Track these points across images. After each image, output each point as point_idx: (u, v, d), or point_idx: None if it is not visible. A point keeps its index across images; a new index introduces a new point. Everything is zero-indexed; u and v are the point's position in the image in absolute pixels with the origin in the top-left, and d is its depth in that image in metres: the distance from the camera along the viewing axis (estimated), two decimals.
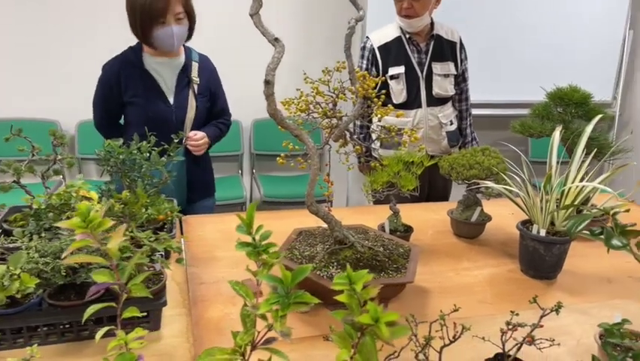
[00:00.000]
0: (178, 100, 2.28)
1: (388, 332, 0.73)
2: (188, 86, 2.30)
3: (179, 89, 2.28)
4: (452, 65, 2.73)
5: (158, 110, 2.26)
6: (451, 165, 1.88)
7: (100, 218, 0.84)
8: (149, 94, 2.25)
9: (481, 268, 1.72)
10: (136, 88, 2.25)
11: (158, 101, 2.26)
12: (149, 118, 2.22)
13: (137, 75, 2.25)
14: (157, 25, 2.10)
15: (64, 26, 3.71)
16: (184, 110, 2.28)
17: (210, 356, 0.83)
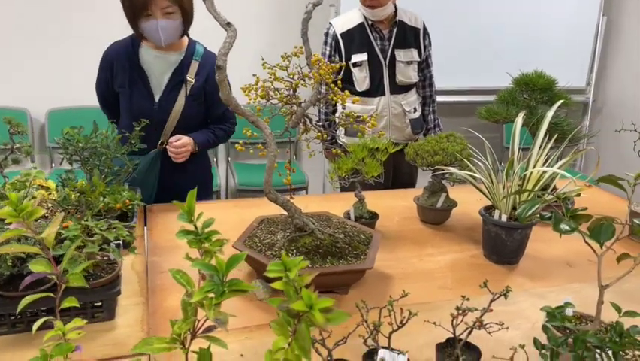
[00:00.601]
0: (164, 99, 2.14)
1: (323, 319, 0.72)
2: (180, 85, 2.15)
3: (169, 87, 2.14)
4: (415, 52, 2.71)
5: (141, 106, 2.14)
6: (416, 151, 1.88)
7: (31, 207, 0.81)
8: (134, 87, 2.15)
9: (445, 254, 1.73)
10: (123, 79, 2.15)
11: (142, 96, 2.15)
12: (133, 112, 2.14)
13: (127, 66, 2.14)
14: (142, 17, 1.98)
15: (36, 12, 3.62)
16: (167, 110, 2.14)
17: (148, 346, 0.82)
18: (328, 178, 1.80)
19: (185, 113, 2.15)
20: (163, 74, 2.15)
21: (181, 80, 2.15)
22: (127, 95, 2.16)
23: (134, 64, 2.13)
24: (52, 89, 3.71)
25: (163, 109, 2.14)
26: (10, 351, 1.16)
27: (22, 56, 3.62)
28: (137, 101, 2.15)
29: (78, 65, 3.69)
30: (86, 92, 3.73)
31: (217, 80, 1.25)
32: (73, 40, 3.67)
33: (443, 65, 3.24)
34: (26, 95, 3.67)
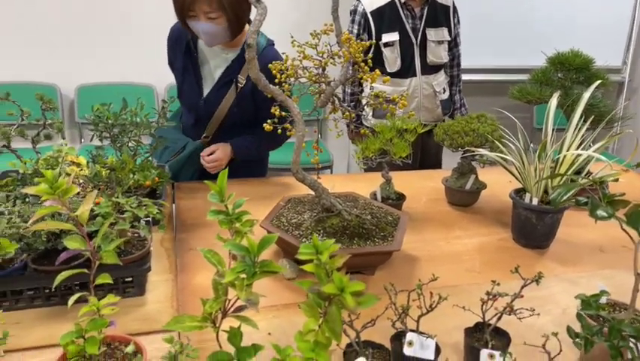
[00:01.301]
0: (212, 95, 2.07)
1: (354, 302, 0.72)
2: (230, 84, 2.05)
3: (221, 84, 2.06)
4: (446, 31, 2.65)
5: (188, 97, 2.12)
6: (446, 132, 1.84)
7: (67, 184, 0.82)
8: (186, 76, 2.09)
9: (472, 237, 1.71)
10: (179, 63, 2.10)
11: (192, 89, 2.09)
12: (181, 98, 2.12)
13: (185, 50, 2.06)
14: (188, 17, 1.89)
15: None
16: (213, 108, 2.07)
17: (180, 323, 0.83)
18: (355, 158, 1.78)
19: (231, 113, 2.07)
20: (216, 68, 2.07)
21: (232, 79, 2.05)
22: (179, 80, 2.12)
23: (190, 50, 2.07)
24: (81, 66, 3.74)
25: (209, 106, 2.08)
26: (45, 324, 1.20)
27: (51, 33, 3.66)
28: (186, 91, 2.10)
29: (107, 42, 3.73)
30: (114, 69, 3.80)
31: (246, 58, 1.23)
32: (102, 17, 3.69)
33: (472, 43, 3.16)
34: (56, 71, 3.72)
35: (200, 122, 2.12)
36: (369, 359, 0.99)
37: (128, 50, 3.76)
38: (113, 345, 0.94)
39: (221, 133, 2.11)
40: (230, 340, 0.86)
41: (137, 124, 1.72)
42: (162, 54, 2.23)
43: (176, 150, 2.08)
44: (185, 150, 2.07)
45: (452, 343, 1.16)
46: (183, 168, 2.05)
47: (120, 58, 3.78)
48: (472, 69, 3.76)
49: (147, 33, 3.59)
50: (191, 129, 2.16)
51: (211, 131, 2.11)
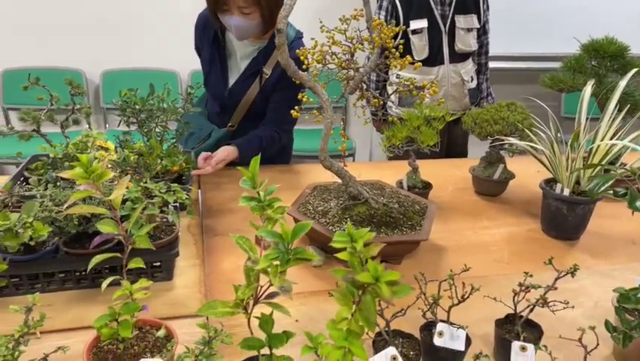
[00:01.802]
0: (238, 86, 2.07)
1: (389, 291, 0.71)
2: (256, 75, 2.04)
3: (246, 75, 2.06)
4: (475, 18, 2.59)
5: (214, 86, 2.11)
6: (474, 120, 1.81)
7: (101, 169, 0.83)
8: (212, 66, 2.09)
9: (500, 227, 1.68)
10: (206, 53, 2.10)
11: (217, 78, 2.09)
12: (207, 87, 2.13)
13: (213, 39, 2.05)
14: (220, 10, 1.88)
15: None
16: (238, 98, 2.08)
17: (212, 309, 0.83)
18: (381, 146, 1.76)
19: (255, 103, 2.07)
20: (243, 59, 2.07)
21: (257, 70, 2.04)
22: (206, 70, 2.12)
23: (218, 39, 2.06)
24: (106, 51, 3.77)
25: (234, 96, 2.08)
26: (75, 306, 1.21)
27: (78, 18, 3.68)
28: (212, 81, 2.11)
29: (132, 27, 3.74)
30: (139, 54, 3.82)
31: (276, 43, 1.22)
32: (127, 3, 3.70)
33: (501, 30, 3.09)
34: (82, 56, 3.75)
35: (225, 110, 2.12)
36: (399, 349, 0.98)
37: (153, 36, 3.77)
38: (144, 329, 0.95)
39: (246, 122, 2.11)
40: (262, 326, 0.86)
41: (164, 110, 1.72)
42: (186, 40, 2.22)
43: (202, 137, 2.08)
44: (211, 137, 2.07)
45: (481, 334, 1.15)
46: (212, 150, 2.05)
47: (145, 43, 3.80)
48: (499, 56, 3.69)
49: (171, 19, 3.60)
50: (216, 117, 2.16)
51: (236, 120, 2.11)
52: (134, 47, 3.80)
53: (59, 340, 1.11)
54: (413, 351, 1.00)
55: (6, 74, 3.71)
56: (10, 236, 1.07)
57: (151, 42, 3.79)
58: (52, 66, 3.66)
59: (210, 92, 2.16)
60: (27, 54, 3.66)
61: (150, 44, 3.80)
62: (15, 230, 1.07)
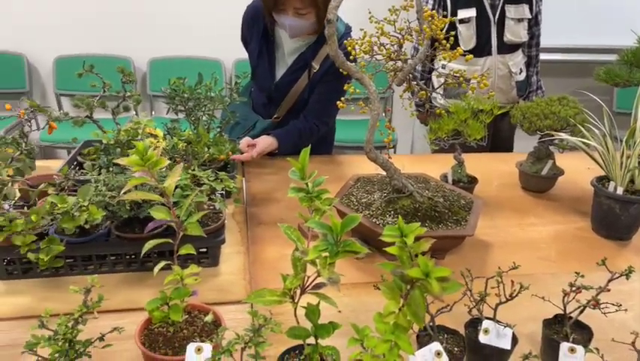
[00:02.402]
0: (285, 79, 2.09)
1: (439, 287, 0.71)
2: (303, 69, 2.05)
3: (294, 69, 2.07)
4: (527, 8, 2.50)
5: (261, 80, 2.13)
6: (524, 114, 1.76)
7: (156, 157, 0.85)
8: (260, 59, 2.10)
9: (547, 225, 1.64)
10: (254, 45, 2.11)
11: (265, 72, 2.11)
12: (255, 79, 2.15)
13: (262, 32, 2.06)
14: (276, 10, 1.90)
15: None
16: (285, 92, 2.09)
17: (260, 297, 0.84)
18: (426, 139, 1.74)
19: (302, 98, 2.08)
20: (290, 53, 2.08)
21: (305, 64, 2.04)
22: (254, 63, 2.13)
23: (267, 32, 2.07)
24: (154, 39, 3.85)
25: (280, 89, 2.09)
26: (124, 289, 1.25)
27: (127, 6, 3.76)
28: (259, 74, 2.12)
29: (179, 16, 3.81)
30: (186, 43, 3.89)
31: (326, 34, 1.22)
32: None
33: (552, 20, 2.98)
34: (130, 45, 3.84)
35: (271, 102, 2.14)
36: (443, 345, 0.98)
37: (199, 25, 3.83)
38: (193, 314, 0.97)
39: (292, 114, 2.12)
40: (308, 316, 0.87)
41: (212, 98, 1.75)
42: (231, 29, 2.23)
43: (247, 127, 2.11)
44: (256, 128, 2.10)
45: (527, 333, 1.12)
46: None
47: (191, 32, 3.85)
48: (549, 48, 3.57)
49: (217, 8, 3.65)
50: (261, 108, 2.18)
51: (282, 112, 2.13)
52: (180, 35, 3.87)
53: (111, 320, 1.14)
54: (457, 348, 0.99)
55: (58, 61, 3.84)
56: (67, 219, 1.11)
57: (197, 31, 3.84)
58: (102, 54, 3.77)
59: (258, 85, 2.18)
60: (78, 42, 3.77)
61: (196, 33, 3.85)
62: (72, 213, 1.11)
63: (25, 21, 3.70)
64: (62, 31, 3.76)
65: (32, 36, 3.75)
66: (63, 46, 3.78)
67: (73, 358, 0.74)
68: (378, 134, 1.41)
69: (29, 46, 3.79)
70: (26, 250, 1.10)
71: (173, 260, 0.94)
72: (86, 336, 0.83)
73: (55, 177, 1.48)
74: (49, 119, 1.49)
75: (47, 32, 3.75)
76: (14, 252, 1.17)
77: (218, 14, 3.54)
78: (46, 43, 3.77)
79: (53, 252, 1.10)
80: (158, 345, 0.89)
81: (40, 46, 3.79)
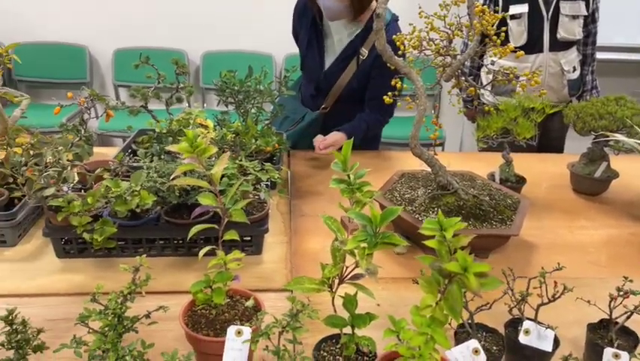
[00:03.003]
0: (334, 68, 2.09)
1: (477, 283, 0.70)
2: (352, 57, 2.06)
3: (342, 57, 2.07)
4: (583, 5, 2.40)
5: (310, 70, 2.17)
6: (578, 113, 1.71)
7: (205, 145, 0.88)
8: (309, 49, 2.13)
9: (599, 228, 1.59)
10: (304, 36, 2.15)
11: (314, 61, 2.13)
12: (304, 70, 2.19)
13: (311, 23, 2.09)
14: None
15: None
16: (333, 80, 2.10)
17: (299, 285, 0.86)
18: (474, 136, 1.71)
19: (350, 85, 2.08)
20: (339, 42, 2.08)
21: (354, 52, 2.05)
22: (303, 52, 2.17)
23: (316, 23, 2.09)
24: (207, 34, 3.94)
25: (329, 79, 2.11)
26: (171, 272, 1.30)
27: (181, 1, 3.87)
28: (308, 63, 2.15)
29: (232, 11, 3.88)
30: (238, 37, 3.96)
31: (374, 28, 1.22)
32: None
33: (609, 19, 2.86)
34: (185, 38, 3.94)
35: (319, 93, 2.15)
36: (482, 342, 0.97)
37: (251, 20, 3.89)
38: (235, 298, 1.00)
39: (339, 104, 2.13)
40: (346, 306, 0.88)
41: (261, 91, 1.79)
42: (282, 24, 2.26)
43: (296, 120, 2.14)
44: (304, 120, 2.12)
45: (571, 337, 1.10)
46: (301, 137, 2.10)
47: (243, 27, 3.92)
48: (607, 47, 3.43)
49: (269, 3, 3.69)
50: (310, 100, 2.20)
51: (330, 102, 2.14)
52: (233, 29, 3.94)
53: (158, 301, 1.19)
54: (496, 347, 0.98)
55: (117, 54, 3.99)
56: (120, 202, 1.17)
57: (248, 25, 3.91)
58: (158, 47, 3.88)
59: (306, 75, 2.20)
60: (136, 35, 3.91)
61: (248, 27, 3.92)
62: (124, 197, 1.17)
63: (88, 15, 3.87)
64: (122, 25, 3.90)
65: (94, 29, 3.92)
66: (122, 39, 3.92)
67: (121, 332, 0.78)
68: (425, 130, 1.40)
69: (91, 38, 3.96)
70: (82, 230, 1.17)
71: (218, 245, 0.97)
72: (134, 314, 0.87)
73: (111, 162, 1.55)
74: (107, 108, 1.55)
75: (108, 26, 3.90)
76: (71, 232, 1.24)
77: (270, 9, 3.59)
78: (106, 36, 3.93)
79: (106, 233, 1.15)
80: (200, 326, 0.93)
81: (100, 38, 3.95)
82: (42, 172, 1.19)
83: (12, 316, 0.79)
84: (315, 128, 2.10)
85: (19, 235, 1.39)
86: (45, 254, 1.34)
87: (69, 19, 3.88)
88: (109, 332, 0.79)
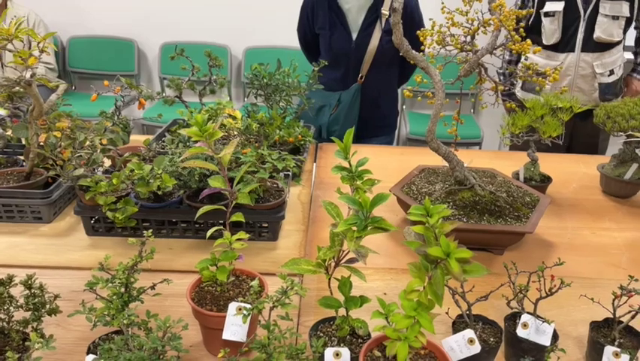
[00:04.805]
0: (361, 37, 2.21)
1: (459, 268, 0.72)
2: (375, 21, 2.18)
3: (365, 25, 2.20)
4: (626, 6, 2.31)
5: (340, 46, 2.26)
6: (608, 113, 1.67)
7: (213, 129, 0.93)
8: (333, 29, 2.24)
9: (624, 231, 1.55)
10: (324, 21, 2.27)
11: (341, 37, 2.24)
12: (332, 51, 2.27)
13: (327, 7, 2.23)
14: None
15: None
16: (364, 48, 2.21)
17: (296, 265, 0.90)
18: (499, 134, 1.70)
19: (381, 49, 2.18)
20: (359, 11, 2.19)
21: (376, 15, 2.17)
22: (327, 36, 2.27)
23: (333, 5, 2.21)
24: (251, 29, 4.03)
25: (360, 47, 2.21)
26: (190, 253, 1.37)
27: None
28: (336, 41, 2.24)
29: (275, 7, 3.95)
30: (281, 33, 4.03)
31: (391, 22, 1.24)
32: None
33: None
34: (228, 33, 4.05)
35: (351, 68, 2.24)
36: (477, 333, 0.98)
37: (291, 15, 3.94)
38: (241, 277, 1.05)
39: (374, 71, 2.24)
40: (340, 288, 0.91)
41: (289, 84, 1.83)
42: None
43: (334, 105, 2.22)
44: (342, 101, 2.22)
45: (576, 335, 1.09)
46: (347, 116, 2.21)
47: (288, 23, 3.98)
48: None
49: None
50: (339, 83, 2.27)
51: (365, 70, 2.24)
52: (274, 26, 4.01)
53: (176, 279, 1.26)
54: (494, 338, 0.99)
55: (164, 48, 4.14)
56: (142, 184, 1.23)
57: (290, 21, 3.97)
58: (203, 41, 4.00)
59: (334, 57, 2.25)
60: (182, 30, 4.04)
61: (289, 23, 3.98)
62: (147, 179, 1.24)
63: (136, 10, 4.04)
64: (169, 20, 4.05)
65: (142, 24, 4.08)
66: (169, 33, 4.06)
67: (126, 300, 0.84)
68: (443, 124, 1.41)
69: (139, 33, 4.12)
70: (107, 208, 1.24)
71: (225, 226, 1.02)
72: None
73: (141, 148, 1.64)
74: (140, 97, 1.64)
75: (155, 21, 4.06)
76: (99, 211, 1.32)
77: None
78: (154, 30, 4.09)
79: (128, 212, 1.23)
80: (205, 302, 0.98)
81: (148, 33, 4.11)
82: (74, 154, 1.27)
83: (31, 281, 0.87)
84: (355, 102, 2.23)
85: (54, 213, 1.49)
86: (76, 232, 1.44)
87: (118, 13, 4.06)
88: (116, 300, 0.85)
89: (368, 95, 2.26)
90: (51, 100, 1.37)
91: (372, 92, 2.26)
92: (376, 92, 2.28)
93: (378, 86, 2.28)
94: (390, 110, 2.44)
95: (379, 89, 2.31)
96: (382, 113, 2.39)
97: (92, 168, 1.36)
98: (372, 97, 2.28)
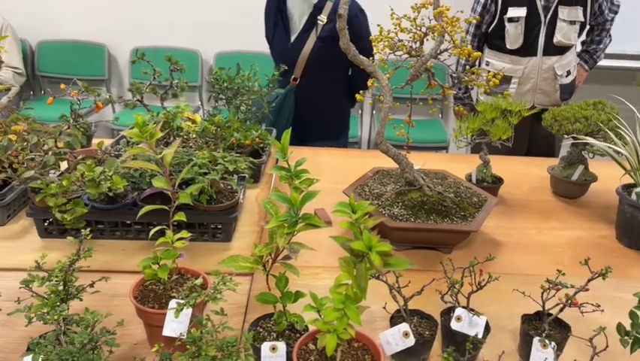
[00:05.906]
0: (297, 40, 2.28)
1: (380, 261, 0.75)
2: (312, 28, 2.26)
3: (304, 29, 2.27)
4: (581, 11, 2.42)
5: (279, 48, 2.35)
6: (555, 117, 1.73)
7: (153, 129, 0.95)
8: (276, 30, 2.34)
9: (569, 230, 1.61)
10: (270, 24, 2.36)
11: (281, 39, 2.32)
12: (274, 50, 2.36)
13: (275, 11, 2.32)
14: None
15: None
16: (299, 51, 2.27)
17: (233, 262, 0.92)
18: (452, 137, 1.75)
19: (314, 54, 2.25)
20: (302, 16, 2.27)
21: (314, 22, 2.24)
22: (271, 38, 2.38)
23: (280, 8, 2.30)
24: (221, 34, 4.05)
25: (295, 50, 2.28)
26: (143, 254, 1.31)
27: (196, 2, 3.99)
28: (276, 43, 2.35)
29: (246, 12, 3.98)
30: (252, 38, 4.06)
31: (337, 28, 1.28)
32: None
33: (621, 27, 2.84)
34: (198, 38, 4.06)
35: (289, 68, 2.26)
36: (413, 327, 1.01)
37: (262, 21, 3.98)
38: (185, 276, 1.07)
39: (307, 73, 2.30)
40: (277, 284, 0.94)
41: (249, 88, 1.86)
42: None
43: (276, 105, 2.30)
44: (277, 99, 2.27)
45: (512, 328, 1.13)
46: (279, 114, 2.28)
47: (255, 28, 4.01)
48: (619, 55, 3.40)
49: None
50: (280, 84, 2.31)
51: (298, 73, 2.30)
52: (245, 31, 4.03)
53: (125, 280, 1.27)
54: (429, 331, 1.02)
55: (135, 52, 4.13)
56: (92, 185, 1.25)
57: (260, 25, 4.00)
58: (173, 46, 4.01)
59: (275, 52, 2.37)
60: (153, 35, 4.04)
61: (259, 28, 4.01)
62: (97, 181, 1.25)
63: (107, 15, 4.03)
64: (139, 25, 4.05)
65: (113, 28, 4.07)
66: (140, 38, 4.06)
67: (63, 297, 0.86)
68: (392, 127, 1.45)
69: (110, 37, 4.11)
70: (57, 210, 1.25)
71: (168, 226, 1.04)
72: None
73: (99, 152, 1.64)
74: (96, 100, 1.65)
75: (126, 25, 4.05)
76: (52, 214, 1.32)
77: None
78: (124, 35, 4.08)
79: (77, 213, 1.24)
80: (148, 300, 1.00)
81: (119, 38, 4.10)
82: (24, 157, 1.28)
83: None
84: (289, 102, 2.30)
85: (8, 216, 1.49)
86: (29, 234, 1.44)
87: (90, 18, 4.04)
88: (54, 298, 0.86)
89: (303, 99, 2.32)
90: (1, 103, 1.37)
91: (309, 96, 2.31)
92: (313, 95, 2.33)
93: (315, 90, 2.33)
94: (336, 116, 2.47)
95: (318, 93, 2.35)
96: (324, 119, 2.42)
97: (46, 171, 1.37)
98: (309, 100, 2.33)
